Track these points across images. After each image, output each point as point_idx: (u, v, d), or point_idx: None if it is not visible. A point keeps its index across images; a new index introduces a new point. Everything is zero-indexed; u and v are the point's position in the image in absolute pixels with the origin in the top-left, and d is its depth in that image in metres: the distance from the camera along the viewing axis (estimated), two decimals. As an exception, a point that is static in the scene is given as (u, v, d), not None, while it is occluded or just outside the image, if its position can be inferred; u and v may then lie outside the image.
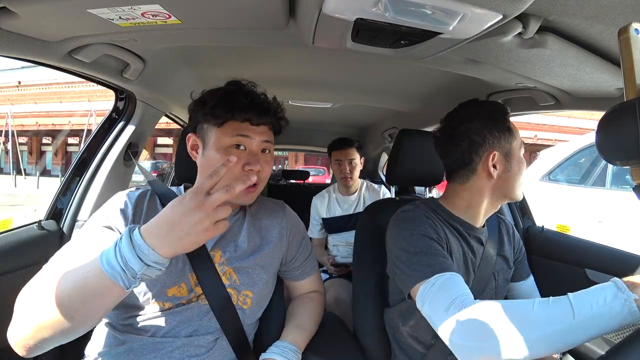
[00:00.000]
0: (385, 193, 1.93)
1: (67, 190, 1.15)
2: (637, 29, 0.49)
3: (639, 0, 0.53)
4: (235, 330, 0.74)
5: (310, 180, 3.74)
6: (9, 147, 14.43)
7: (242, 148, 0.72)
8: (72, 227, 1.12)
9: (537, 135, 12.54)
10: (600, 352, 0.98)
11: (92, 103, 13.45)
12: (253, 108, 0.71)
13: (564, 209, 2.91)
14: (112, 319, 0.71)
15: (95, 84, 1.10)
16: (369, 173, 2.72)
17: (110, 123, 1.24)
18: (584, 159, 3.17)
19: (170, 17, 0.67)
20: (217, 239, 0.75)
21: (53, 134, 17.13)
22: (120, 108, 1.24)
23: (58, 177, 14.30)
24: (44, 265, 0.62)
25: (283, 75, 1.35)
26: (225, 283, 0.73)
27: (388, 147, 2.39)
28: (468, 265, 0.81)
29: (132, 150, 1.27)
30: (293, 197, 2.06)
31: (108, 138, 1.22)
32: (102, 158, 1.20)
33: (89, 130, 10.85)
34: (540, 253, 1.18)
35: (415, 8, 0.56)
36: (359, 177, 1.91)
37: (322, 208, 1.92)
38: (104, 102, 12.14)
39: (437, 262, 0.70)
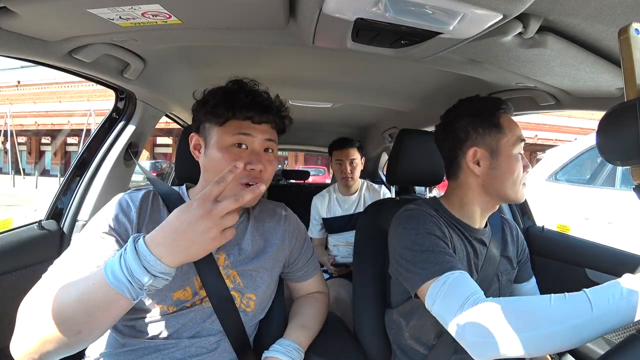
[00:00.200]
0: (386, 193, 1.93)
1: (67, 190, 1.15)
2: (637, 29, 0.49)
3: (639, 0, 0.53)
4: (237, 332, 0.74)
5: (311, 180, 3.74)
6: (8, 147, 14.39)
7: (243, 147, 0.71)
8: (72, 227, 1.12)
9: (537, 135, 12.55)
10: (600, 352, 0.98)
11: (91, 103, 13.44)
12: (254, 106, 0.71)
13: (572, 210, 2.81)
14: None
15: (95, 84, 1.10)
16: (370, 173, 2.71)
17: (111, 123, 1.24)
18: (592, 159, 3.05)
19: (171, 17, 0.67)
20: None
21: (52, 134, 17.11)
22: (121, 108, 1.24)
23: (57, 177, 14.28)
24: (44, 275, 0.61)
25: (283, 75, 1.34)
26: (229, 286, 0.72)
27: (388, 147, 2.39)
28: (471, 266, 0.81)
29: (132, 150, 1.27)
30: (293, 197, 2.07)
31: (108, 138, 1.22)
32: (102, 158, 1.20)
33: (88, 130, 10.83)
34: (541, 253, 1.19)
35: (416, 8, 0.56)
36: (359, 177, 1.91)
37: (322, 208, 1.92)
38: (103, 101, 12.14)
39: (444, 260, 0.70)
